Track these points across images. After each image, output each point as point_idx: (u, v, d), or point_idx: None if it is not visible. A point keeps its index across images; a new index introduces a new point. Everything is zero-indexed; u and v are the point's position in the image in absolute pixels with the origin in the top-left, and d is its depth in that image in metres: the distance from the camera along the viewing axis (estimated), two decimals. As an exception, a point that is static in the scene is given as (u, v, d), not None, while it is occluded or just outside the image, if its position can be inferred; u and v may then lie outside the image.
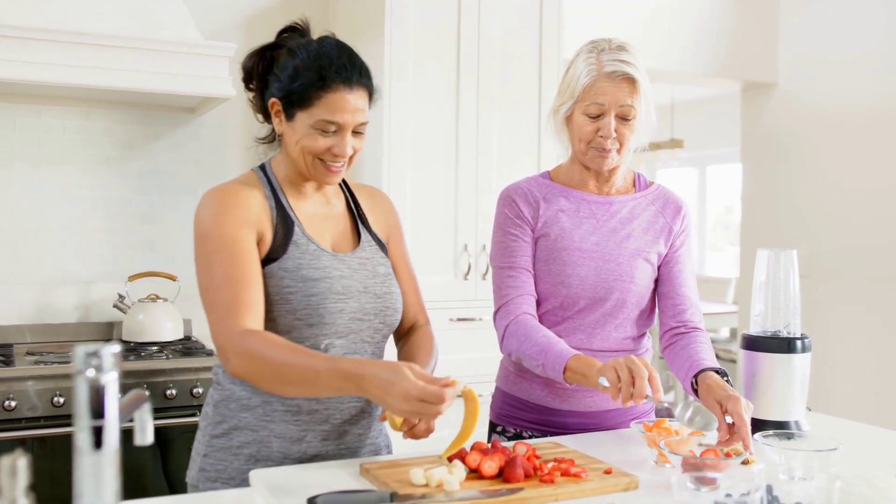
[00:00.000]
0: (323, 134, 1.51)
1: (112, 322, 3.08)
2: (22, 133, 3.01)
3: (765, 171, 4.62)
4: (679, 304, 1.79)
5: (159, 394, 2.59)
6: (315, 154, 1.53)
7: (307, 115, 1.51)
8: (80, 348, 0.84)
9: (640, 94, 1.69)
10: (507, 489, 1.29)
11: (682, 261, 1.82)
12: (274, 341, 1.43)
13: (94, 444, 0.84)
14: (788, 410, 1.70)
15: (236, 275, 1.47)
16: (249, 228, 1.51)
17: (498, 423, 1.87)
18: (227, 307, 1.45)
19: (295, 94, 1.51)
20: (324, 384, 1.39)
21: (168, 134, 3.21)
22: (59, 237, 3.07)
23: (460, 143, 3.13)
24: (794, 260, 1.76)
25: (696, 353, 1.70)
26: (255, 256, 1.51)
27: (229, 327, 1.44)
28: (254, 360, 1.42)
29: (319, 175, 1.56)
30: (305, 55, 1.53)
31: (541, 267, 1.78)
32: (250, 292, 1.47)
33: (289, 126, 1.55)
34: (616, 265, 1.76)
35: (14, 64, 2.55)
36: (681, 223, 1.84)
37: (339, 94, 1.50)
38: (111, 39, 2.64)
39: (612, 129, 1.70)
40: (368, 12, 3.10)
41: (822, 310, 4.24)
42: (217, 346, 1.46)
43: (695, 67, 4.27)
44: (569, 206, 1.80)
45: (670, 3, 4.16)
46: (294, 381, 1.41)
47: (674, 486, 1.06)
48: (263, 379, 1.43)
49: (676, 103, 7.65)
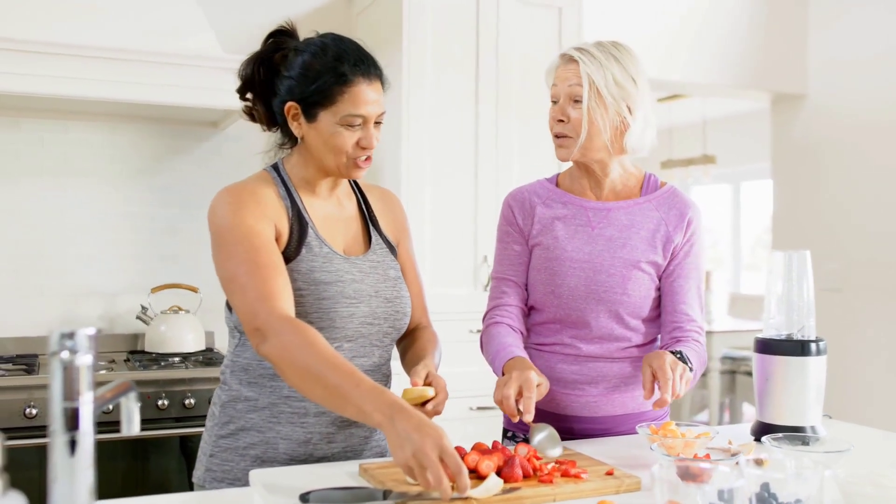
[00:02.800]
0: (349, 129, 1.52)
1: (136, 334, 3.12)
2: (49, 148, 3.07)
3: (796, 184, 4.55)
4: (676, 320, 1.73)
5: (178, 403, 2.61)
6: (345, 150, 1.53)
7: (331, 113, 1.51)
8: (56, 330, 0.84)
9: (584, 76, 1.66)
10: (504, 488, 1.27)
11: (685, 274, 1.74)
12: (320, 339, 1.37)
13: (66, 427, 0.84)
14: (804, 415, 1.65)
15: (262, 262, 1.44)
16: (268, 222, 1.50)
17: (509, 430, 1.85)
18: (260, 292, 1.41)
19: (316, 94, 1.51)
20: (356, 402, 1.28)
21: (191, 148, 3.26)
22: (85, 250, 3.12)
23: (480, 154, 3.13)
24: (808, 261, 1.71)
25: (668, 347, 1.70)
26: (276, 248, 1.49)
27: (268, 309, 1.39)
28: (294, 349, 1.35)
29: (349, 171, 1.56)
30: (318, 54, 1.53)
31: (534, 276, 1.77)
32: (279, 279, 1.43)
33: (311, 127, 1.54)
34: (607, 276, 1.71)
35: (41, 79, 2.61)
36: (684, 233, 1.75)
37: (360, 87, 1.51)
38: (134, 54, 2.70)
39: (561, 112, 1.70)
40: (388, 23, 3.12)
41: (856, 323, 4.15)
42: (252, 326, 1.39)
43: (722, 80, 4.22)
44: (566, 213, 1.77)
45: (695, 15, 4.13)
46: (327, 387, 1.31)
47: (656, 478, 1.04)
48: (294, 371, 1.35)
49: (708, 119, 7.58)
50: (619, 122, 1.69)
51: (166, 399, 2.59)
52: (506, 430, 1.87)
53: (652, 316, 1.76)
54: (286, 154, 1.65)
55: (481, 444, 1.43)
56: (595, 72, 1.66)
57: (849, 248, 4.22)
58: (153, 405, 2.58)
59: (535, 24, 3.20)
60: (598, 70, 1.66)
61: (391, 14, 3.09)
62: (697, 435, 1.48)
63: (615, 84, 1.66)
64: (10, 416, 2.42)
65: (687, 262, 1.75)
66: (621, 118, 1.68)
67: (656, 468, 1.04)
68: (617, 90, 1.66)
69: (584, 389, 1.73)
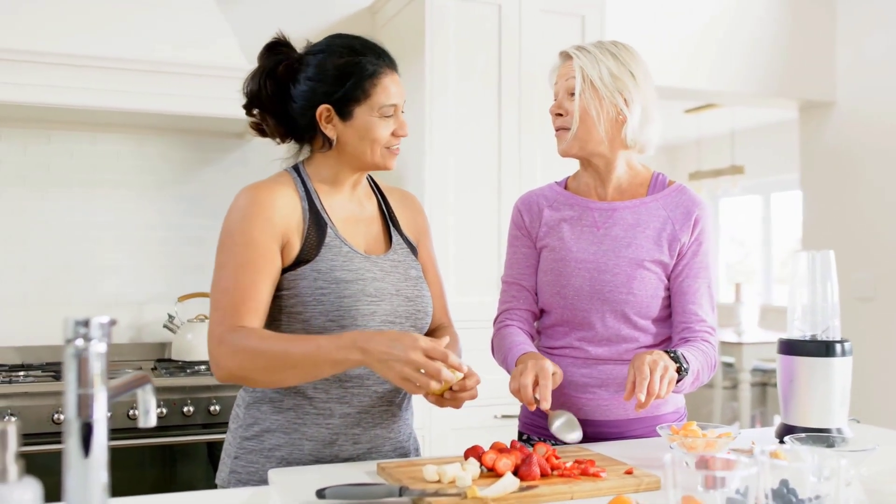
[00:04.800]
0: (384, 119, 1.56)
1: (163, 342, 3.15)
2: (79, 160, 3.13)
3: (826, 192, 4.49)
4: (685, 321, 1.71)
5: (204, 410, 2.63)
6: (383, 141, 1.57)
7: (367, 106, 1.55)
8: (70, 318, 0.86)
9: (577, 70, 1.70)
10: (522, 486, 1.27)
11: (694, 273, 1.73)
12: (265, 333, 1.46)
13: (80, 413, 0.84)
14: (829, 417, 1.62)
15: (246, 281, 1.49)
16: (274, 234, 1.52)
17: (524, 433, 1.84)
18: (227, 310, 1.48)
19: (350, 92, 1.54)
20: (325, 357, 1.39)
21: (218, 159, 3.29)
22: (114, 260, 3.16)
23: (503, 163, 3.13)
24: (832, 261, 1.69)
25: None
26: (272, 264, 1.52)
27: (223, 330, 1.46)
28: (247, 353, 1.43)
29: (385, 160, 1.59)
30: (340, 54, 1.56)
31: (542, 278, 1.78)
32: (252, 301, 1.48)
33: (348, 125, 1.56)
34: (612, 276, 1.70)
35: (70, 91, 2.66)
36: (691, 231, 1.73)
37: (388, 76, 1.57)
38: (161, 66, 2.74)
39: (558, 106, 1.74)
40: (411, 34, 3.14)
41: (888, 333, 4.07)
42: (209, 348, 1.48)
43: (748, 88, 4.19)
44: (572, 215, 1.78)
45: (720, 22, 4.11)
46: (296, 365, 1.41)
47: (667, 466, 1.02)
48: (260, 370, 1.44)
49: (737, 130, 7.52)
50: (616, 114, 1.70)
51: (192, 406, 2.61)
52: (521, 433, 1.86)
53: (662, 316, 1.74)
54: (305, 157, 1.66)
55: (499, 444, 1.43)
56: (588, 65, 1.69)
57: (880, 258, 4.15)
58: (179, 412, 2.60)
59: (557, 32, 3.20)
60: (592, 63, 1.70)
61: (414, 25, 3.11)
62: (719, 435, 1.46)
63: (610, 76, 1.69)
64: (38, 421, 2.45)
65: (695, 261, 1.73)
66: (618, 110, 1.70)
67: (668, 456, 1.03)
68: (612, 81, 1.69)
69: (594, 392, 1.71)
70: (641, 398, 1.45)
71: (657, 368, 1.48)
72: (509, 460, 1.33)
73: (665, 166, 8.61)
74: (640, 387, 1.46)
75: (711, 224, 1.78)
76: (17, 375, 2.65)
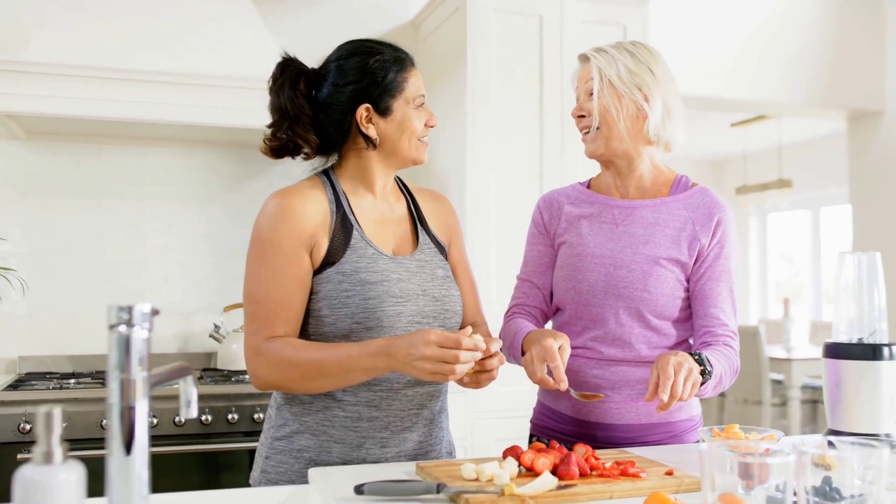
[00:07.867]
0: (419, 109, 1.62)
1: (209, 352, 3.20)
2: (129, 172, 3.21)
3: (875, 202, 4.40)
4: (707, 324, 1.68)
5: (248, 417, 2.66)
6: (417, 132, 1.62)
7: (403, 99, 1.60)
8: (114, 304, 0.88)
9: (595, 70, 1.71)
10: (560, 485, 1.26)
11: (716, 277, 1.69)
12: (298, 343, 1.51)
13: (121, 398, 0.86)
14: (877, 422, 1.58)
15: (278, 291, 1.52)
16: (302, 240, 1.54)
17: (535, 434, 1.83)
18: (262, 322, 1.53)
19: (387, 86, 1.58)
20: (355, 365, 1.45)
21: (263, 171, 3.35)
22: (163, 271, 3.23)
23: (544, 174, 3.13)
24: (879, 263, 1.66)
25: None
26: (302, 270, 1.54)
27: (259, 342, 1.52)
28: (282, 364, 1.49)
29: (419, 152, 1.64)
30: (367, 54, 1.60)
31: (558, 273, 1.78)
32: (285, 311, 1.53)
33: (388, 121, 1.59)
34: (627, 272, 1.68)
35: (122, 104, 2.74)
36: (711, 234, 1.70)
37: (413, 69, 1.64)
38: (209, 79, 2.81)
39: (580, 108, 1.75)
40: (452, 47, 3.16)
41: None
42: (247, 359, 1.53)
43: (793, 97, 4.13)
44: (592, 212, 1.77)
45: (764, 31, 4.06)
46: (329, 374, 1.47)
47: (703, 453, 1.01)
48: (296, 380, 1.50)
49: (784, 144, 7.42)
50: (637, 111, 1.70)
51: (236, 413, 2.64)
52: (532, 435, 1.85)
53: (679, 318, 1.71)
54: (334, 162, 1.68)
55: (538, 444, 1.42)
56: (605, 65, 1.71)
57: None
58: (224, 419, 2.63)
59: (599, 42, 3.18)
60: (609, 63, 1.71)
61: (456, 37, 3.14)
62: (763, 437, 1.43)
63: (628, 72, 1.70)
64: (87, 427, 2.51)
65: (717, 264, 1.70)
66: (637, 106, 1.70)
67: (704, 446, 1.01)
68: (630, 78, 1.69)
69: (607, 395, 1.69)
70: (664, 399, 1.43)
71: (681, 370, 1.45)
72: (548, 459, 1.32)
73: (711, 180, 8.51)
74: (663, 387, 1.44)
75: (734, 228, 1.75)
76: (67, 383, 2.72)
